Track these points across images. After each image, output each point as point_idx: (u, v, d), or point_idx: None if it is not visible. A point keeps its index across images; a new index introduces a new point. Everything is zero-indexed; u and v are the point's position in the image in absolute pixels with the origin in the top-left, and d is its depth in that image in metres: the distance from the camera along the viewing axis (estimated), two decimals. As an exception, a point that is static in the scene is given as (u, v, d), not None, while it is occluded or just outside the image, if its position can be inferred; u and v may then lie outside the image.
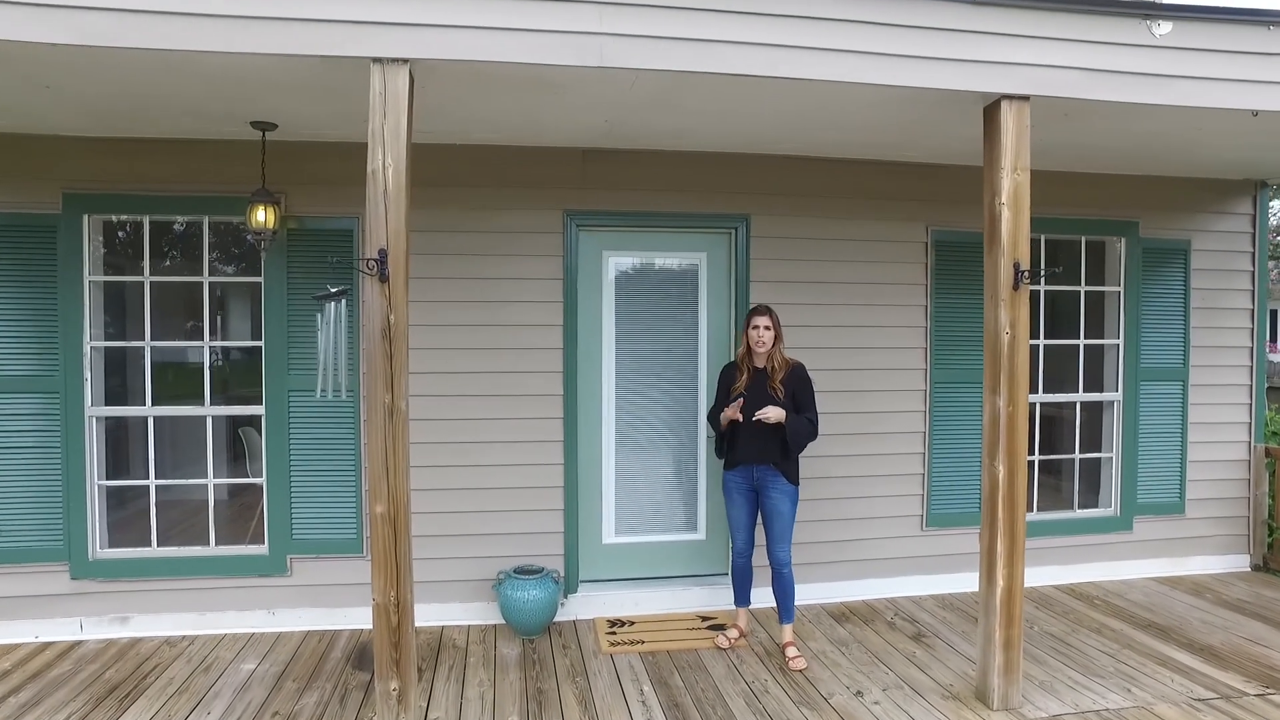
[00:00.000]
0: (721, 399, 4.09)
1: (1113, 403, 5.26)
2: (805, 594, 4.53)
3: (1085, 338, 5.24)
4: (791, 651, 3.96)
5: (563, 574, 4.51)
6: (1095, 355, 5.30)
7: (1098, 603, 4.78)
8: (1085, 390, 5.26)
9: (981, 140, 4.12)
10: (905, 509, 4.92)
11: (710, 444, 4.76)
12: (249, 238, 4.00)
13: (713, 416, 4.15)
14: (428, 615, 4.40)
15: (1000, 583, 3.42)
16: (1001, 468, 3.41)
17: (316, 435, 4.28)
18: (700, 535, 4.80)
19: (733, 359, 4.14)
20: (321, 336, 2.87)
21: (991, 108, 3.42)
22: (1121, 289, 5.20)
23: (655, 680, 3.75)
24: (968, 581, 4.97)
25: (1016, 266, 3.37)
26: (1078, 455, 5.28)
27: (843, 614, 4.62)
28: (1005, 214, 3.37)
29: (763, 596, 4.31)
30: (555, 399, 4.50)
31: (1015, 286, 3.38)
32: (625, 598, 4.59)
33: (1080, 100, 3.38)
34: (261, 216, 3.90)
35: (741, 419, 3.88)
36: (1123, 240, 5.17)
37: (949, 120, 3.78)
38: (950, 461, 4.94)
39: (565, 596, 4.51)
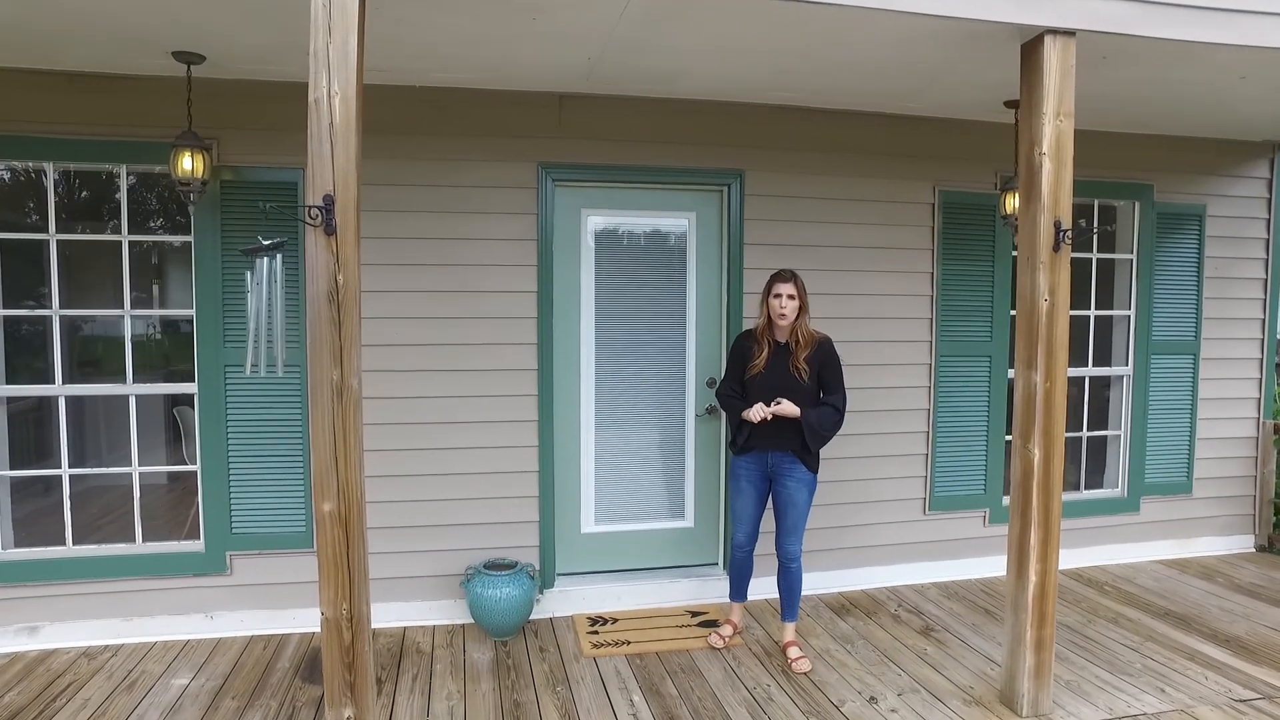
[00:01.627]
0: (736, 374, 3.65)
1: (1122, 377, 4.96)
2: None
3: (1095, 308, 4.92)
4: (794, 652, 3.60)
5: (538, 567, 4.09)
6: (1103, 327, 4.99)
7: (1108, 589, 4.51)
8: (1094, 365, 4.95)
9: (1004, 88, 3.73)
10: (907, 492, 4.58)
11: (699, 423, 4.34)
12: (177, 190, 3.44)
13: (723, 393, 3.71)
14: (388, 615, 3.95)
15: (1033, 578, 3.08)
16: (1037, 451, 3.05)
17: (259, 416, 3.77)
18: (688, 523, 4.40)
19: (749, 329, 3.69)
20: (252, 300, 2.37)
21: (1032, 45, 3.01)
22: (1135, 256, 4.88)
23: (646, 688, 3.36)
24: (970, 568, 4.68)
25: (1057, 225, 2.99)
26: (1085, 434, 4.99)
27: (843, 606, 4.27)
28: (1046, 166, 2.97)
29: (757, 588, 3.93)
30: (529, 374, 4.04)
31: (1056, 248, 3.00)
32: (607, 592, 4.18)
33: (1132, 38, 2.98)
34: (188, 164, 3.34)
35: (759, 418, 3.46)
36: (1136, 204, 4.84)
37: (975, 62, 3.37)
38: (956, 441, 4.60)
39: (541, 592, 4.08)
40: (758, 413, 3.44)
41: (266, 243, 2.34)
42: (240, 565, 3.82)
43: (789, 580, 3.63)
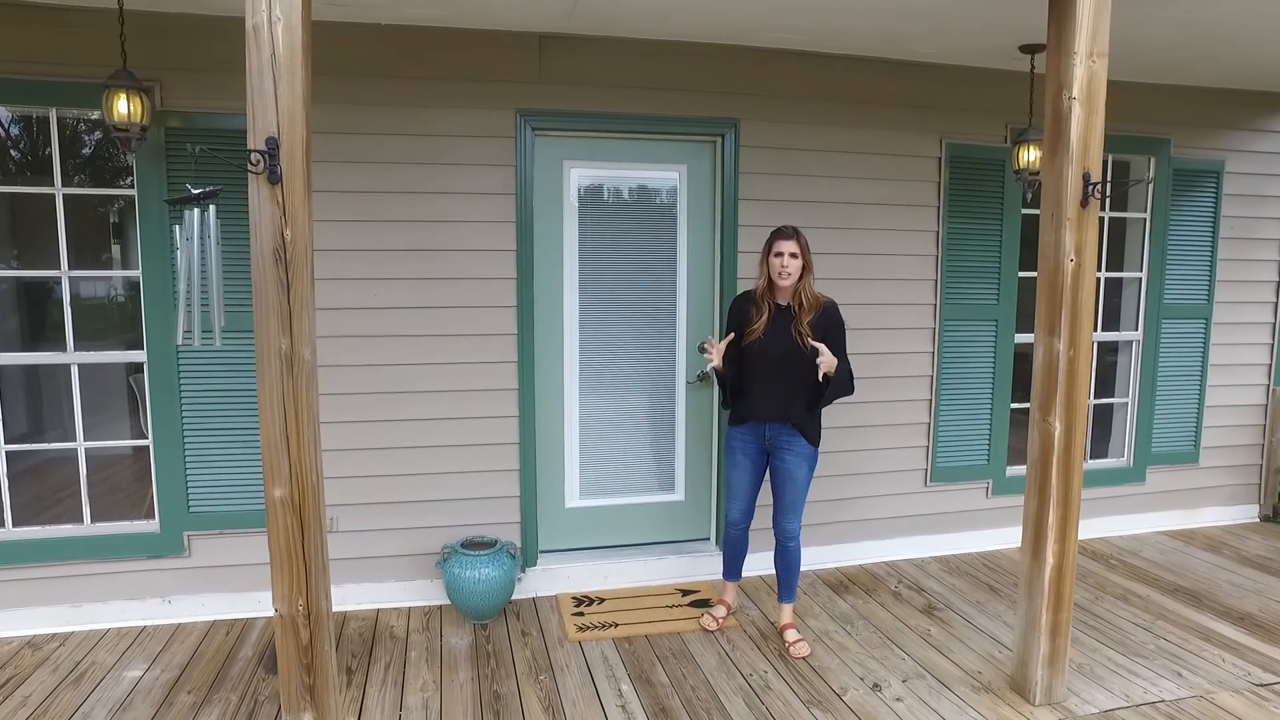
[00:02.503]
0: (733, 335, 3.40)
1: (1131, 343, 4.75)
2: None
3: (1106, 270, 4.67)
4: (792, 635, 3.40)
5: (520, 545, 3.85)
6: (1112, 290, 4.76)
7: (1114, 563, 4.34)
8: (1103, 329, 4.73)
9: (1019, 31, 3.45)
10: (908, 462, 4.37)
11: (690, 390, 4.09)
12: (114, 136, 3.09)
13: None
14: (360, 597, 3.72)
15: (1050, 560, 2.87)
16: (1058, 424, 2.82)
17: (215, 385, 3.47)
18: (678, 496, 4.17)
19: (747, 290, 3.42)
20: (180, 258, 2.07)
21: (1063, -26, 2.71)
22: (1148, 215, 4.63)
23: (635, 676, 3.15)
24: (972, 541, 4.51)
25: (1086, 178, 2.72)
26: (1092, 401, 4.78)
27: (840, 583, 4.08)
28: (1076, 112, 2.69)
29: (751, 564, 3.72)
30: (508, 339, 3.76)
31: (1084, 202, 2.73)
32: (593, 570, 3.96)
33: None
34: (124, 108, 2.99)
35: (723, 366, 3.22)
36: (1151, 159, 4.58)
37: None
38: (959, 409, 4.38)
39: (523, 570, 3.86)
40: (715, 350, 3.23)
41: (195, 191, 2.04)
42: (199, 546, 3.56)
43: (787, 560, 3.42)
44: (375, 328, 3.61)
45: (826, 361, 3.11)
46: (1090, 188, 2.71)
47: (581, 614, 3.68)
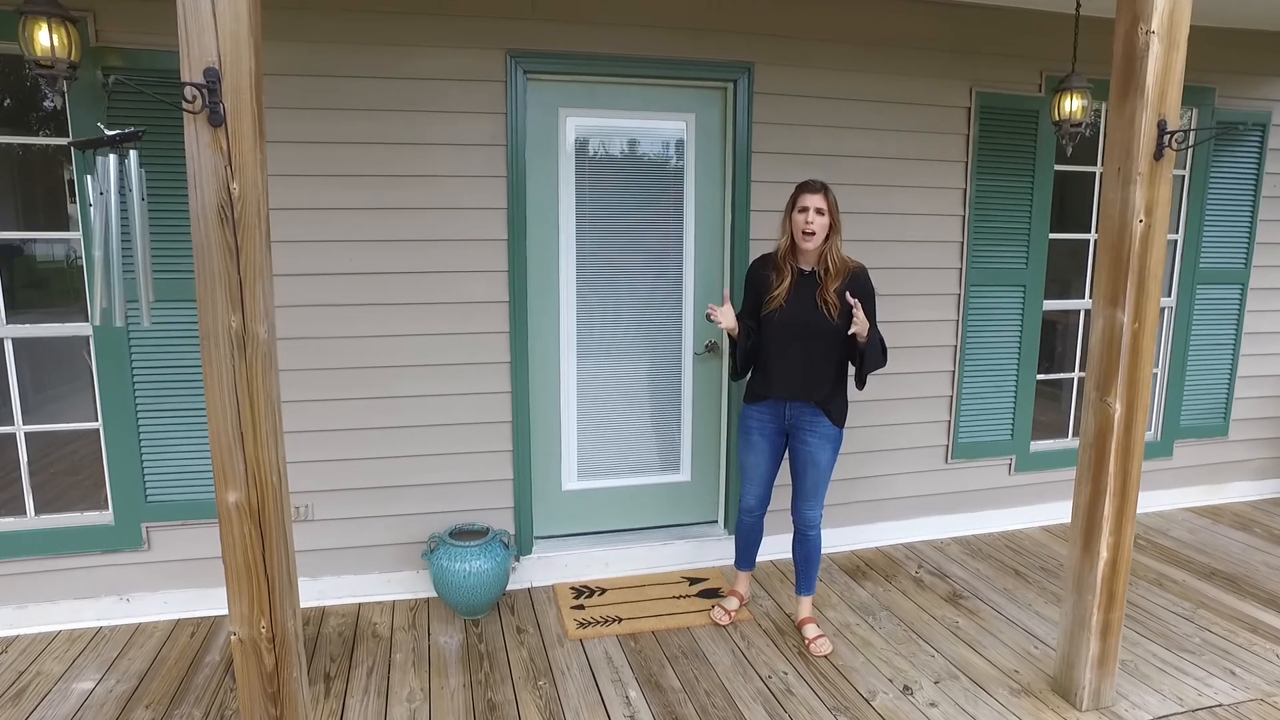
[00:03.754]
0: (750, 309, 3.06)
1: (1163, 310, 4.46)
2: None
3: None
4: (812, 630, 3.13)
5: (513, 532, 3.55)
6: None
7: (1144, 543, 4.10)
8: (1134, 294, 4.42)
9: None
10: (929, 438, 4.08)
11: (697, 362, 3.76)
12: (36, 75, 2.66)
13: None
14: (339, 591, 3.41)
15: (1104, 554, 2.60)
16: (1119, 405, 2.52)
17: (172, 360, 3.10)
18: (684, 476, 3.87)
19: (766, 253, 3.08)
20: (95, 217, 1.70)
21: (1143, -114, 2.34)
22: (1187, 173, 4.30)
23: (643, 680, 2.87)
24: (992, 521, 4.26)
25: (1161, 126, 2.38)
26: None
27: (857, 568, 3.81)
28: (1154, 49, 2.34)
29: (764, 548, 3.44)
30: (499, 307, 3.40)
31: (1158, 154, 2.40)
32: (593, 557, 3.67)
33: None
34: (46, 40, 2.55)
35: (738, 329, 2.91)
36: (1194, 111, 4.24)
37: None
38: (984, 381, 4.09)
39: (518, 559, 3.56)
40: (724, 315, 2.93)
41: (110, 134, 1.66)
42: (159, 539, 3.22)
43: (806, 549, 3.14)
44: (351, 295, 3.24)
45: (859, 321, 2.79)
46: (1166, 137, 2.38)
47: (582, 607, 3.39)
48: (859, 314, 2.78)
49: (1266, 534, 4.24)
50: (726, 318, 2.92)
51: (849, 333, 2.82)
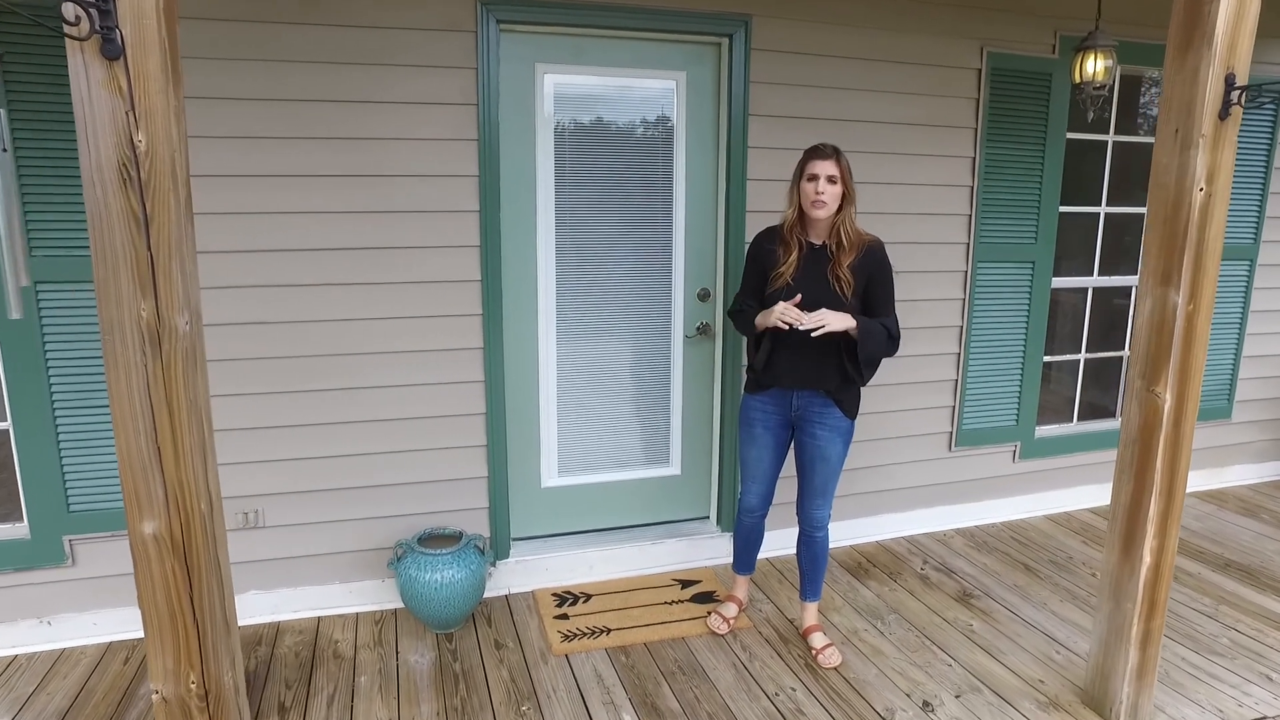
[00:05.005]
0: (754, 285, 2.75)
1: (1170, 286, 4.24)
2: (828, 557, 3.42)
3: (1136, 206, 4.13)
4: (819, 639, 2.87)
5: (489, 535, 3.23)
6: (1137, 227, 4.22)
7: (1152, 533, 3.91)
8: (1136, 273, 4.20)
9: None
10: (932, 424, 3.83)
11: (688, 346, 3.45)
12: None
13: (736, 311, 2.83)
14: (295, 604, 3.06)
15: (1147, 559, 2.36)
16: (1169, 396, 2.27)
17: (94, 350, 2.70)
18: (673, 469, 3.57)
19: (771, 225, 2.76)
20: (-56, 174, 1.33)
21: None
22: (1200, 141, 4.07)
23: (638, 702, 2.58)
24: (995, 511, 4.05)
25: (1229, 81, 2.11)
26: (1127, 352, 4.30)
27: (859, 565, 3.57)
28: (1223, -9, 2.06)
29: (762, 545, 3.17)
30: (470, 287, 3.05)
31: (1223, 113, 2.13)
32: (576, 559, 3.37)
33: None
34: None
35: (787, 327, 2.55)
36: (1209, 76, 3.99)
37: None
38: (990, 364, 3.85)
39: (494, 564, 3.24)
40: (785, 314, 2.52)
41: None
42: (85, 552, 2.83)
43: (813, 552, 2.87)
44: (303, 275, 2.86)
45: (825, 323, 2.49)
46: (1234, 94, 2.11)
47: (566, 616, 3.09)
48: (826, 318, 2.49)
49: (1275, 520, 4.09)
50: (779, 317, 2.53)
51: (810, 333, 2.50)
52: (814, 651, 2.83)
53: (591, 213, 3.23)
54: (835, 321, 2.49)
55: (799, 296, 2.55)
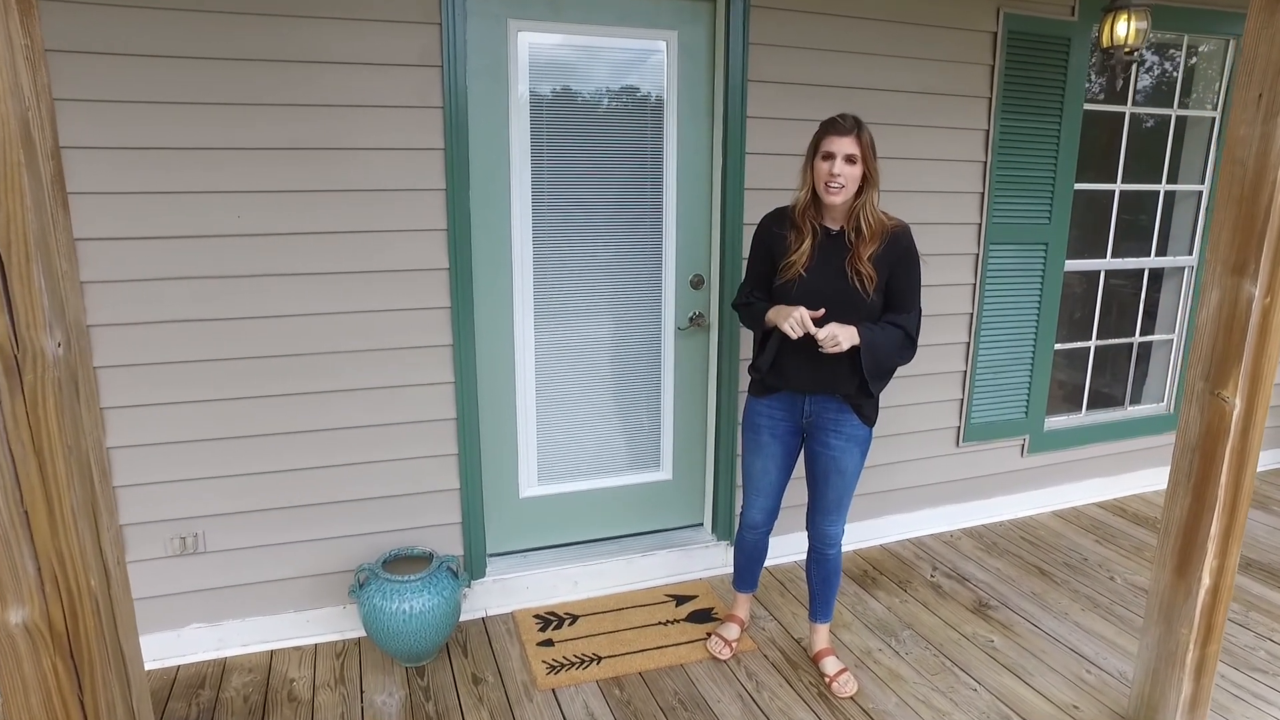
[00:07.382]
0: (760, 275, 2.43)
1: (1182, 269, 4.02)
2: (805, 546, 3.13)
3: (1152, 183, 3.88)
4: (831, 665, 2.60)
5: (463, 554, 2.90)
6: (1149, 205, 3.98)
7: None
8: (1155, 254, 3.98)
9: None
10: (939, 419, 3.57)
11: (680, 339, 3.13)
12: None
13: (742, 303, 2.50)
14: (245, 637, 2.71)
15: (1206, 581, 2.11)
16: (1238, 401, 2.01)
17: None
18: (664, 474, 3.26)
19: (781, 207, 2.43)
20: None
21: None
22: (1218, 114, 3.83)
23: (637, 747, 2.29)
24: (1002, 508, 3.83)
25: (1321, 39, 1.82)
26: (1137, 339, 4.08)
27: (865, 573, 3.30)
28: (1319, -67, 1.77)
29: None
30: (437, 276, 2.69)
31: (1314, 78, 1.84)
32: (559, 576, 3.05)
33: None
34: None
35: (798, 332, 2.23)
36: (1231, 43, 3.75)
37: None
38: (1000, 353, 3.59)
39: (469, 585, 2.91)
40: (798, 323, 2.21)
41: None
42: None
43: (825, 571, 2.58)
44: (240, 265, 2.47)
45: (835, 343, 2.20)
46: (1328, 55, 1.82)
47: (550, 643, 2.78)
48: (836, 334, 2.19)
49: (1286, 512, 3.93)
50: (792, 324, 2.22)
51: (820, 347, 2.21)
52: (827, 679, 2.56)
53: (573, 191, 2.88)
54: (846, 341, 2.20)
55: (822, 311, 2.24)
